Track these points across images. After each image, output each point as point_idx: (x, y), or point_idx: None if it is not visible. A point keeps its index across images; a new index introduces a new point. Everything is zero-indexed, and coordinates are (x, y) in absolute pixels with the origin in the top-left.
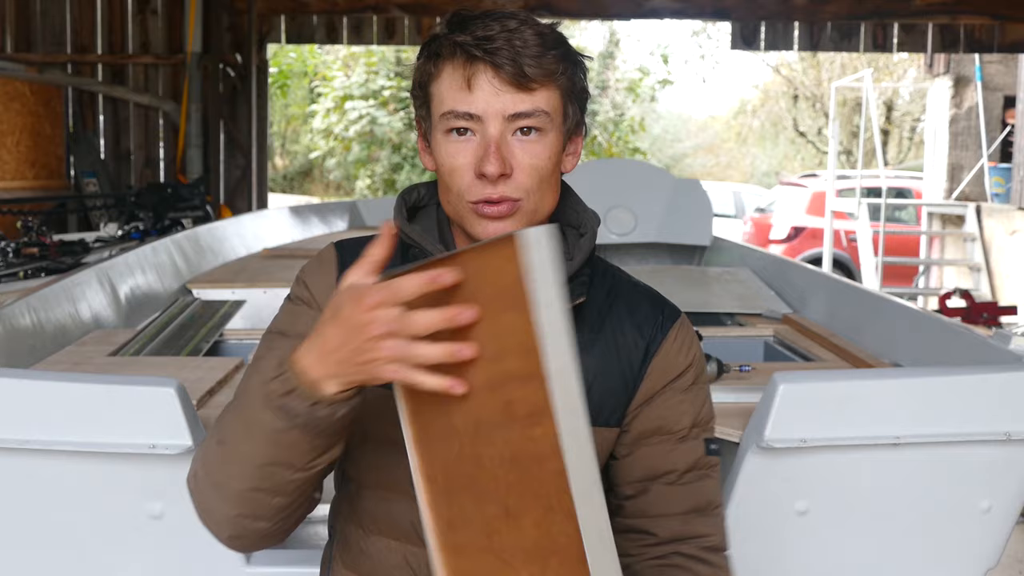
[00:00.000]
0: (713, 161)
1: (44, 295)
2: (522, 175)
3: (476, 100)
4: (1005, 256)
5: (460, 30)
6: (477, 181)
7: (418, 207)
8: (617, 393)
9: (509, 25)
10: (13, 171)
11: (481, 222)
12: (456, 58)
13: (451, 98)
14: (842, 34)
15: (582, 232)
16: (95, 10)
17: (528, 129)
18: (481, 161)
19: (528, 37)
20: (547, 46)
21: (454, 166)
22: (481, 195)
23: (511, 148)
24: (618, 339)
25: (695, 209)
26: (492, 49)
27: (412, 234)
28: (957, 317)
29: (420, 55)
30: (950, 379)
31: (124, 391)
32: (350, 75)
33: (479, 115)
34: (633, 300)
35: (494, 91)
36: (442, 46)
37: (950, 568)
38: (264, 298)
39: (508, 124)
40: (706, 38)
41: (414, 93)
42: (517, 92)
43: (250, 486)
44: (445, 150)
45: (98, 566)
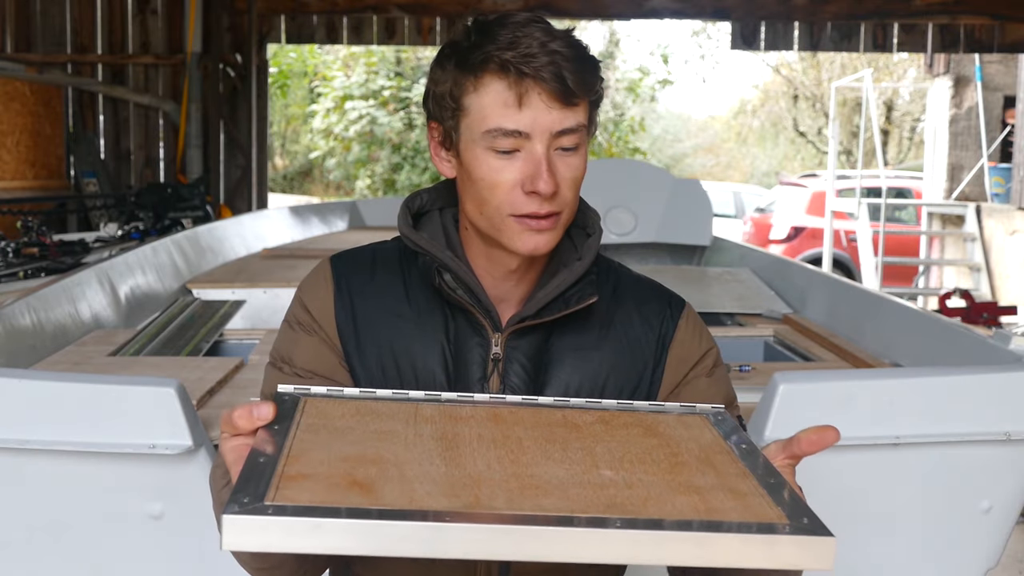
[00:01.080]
0: (713, 161)
1: (44, 295)
2: (566, 189)
3: (524, 117)
4: (1005, 256)
5: (492, 43)
6: (524, 197)
7: (421, 213)
8: (632, 388)
9: (539, 37)
10: (13, 171)
11: (523, 235)
12: (506, 75)
13: (498, 115)
14: (842, 34)
15: (589, 232)
16: (95, 10)
17: (569, 144)
18: (533, 179)
19: (563, 50)
20: (582, 59)
21: (497, 181)
22: (527, 210)
23: (555, 164)
24: (628, 334)
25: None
26: (538, 66)
27: (420, 242)
28: (957, 317)
29: (445, 63)
30: (950, 379)
31: (124, 391)
32: (350, 75)
33: (527, 132)
34: (639, 295)
35: (544, 108)
36: (483, 61)
37: (950, 568)
38: (264, 298)
39: (552, 140)
40: (706, 38)
41: (442, 102)
42: (563, 108)
43: (256, 566)
44: (487, 165)
45: (98, 566)
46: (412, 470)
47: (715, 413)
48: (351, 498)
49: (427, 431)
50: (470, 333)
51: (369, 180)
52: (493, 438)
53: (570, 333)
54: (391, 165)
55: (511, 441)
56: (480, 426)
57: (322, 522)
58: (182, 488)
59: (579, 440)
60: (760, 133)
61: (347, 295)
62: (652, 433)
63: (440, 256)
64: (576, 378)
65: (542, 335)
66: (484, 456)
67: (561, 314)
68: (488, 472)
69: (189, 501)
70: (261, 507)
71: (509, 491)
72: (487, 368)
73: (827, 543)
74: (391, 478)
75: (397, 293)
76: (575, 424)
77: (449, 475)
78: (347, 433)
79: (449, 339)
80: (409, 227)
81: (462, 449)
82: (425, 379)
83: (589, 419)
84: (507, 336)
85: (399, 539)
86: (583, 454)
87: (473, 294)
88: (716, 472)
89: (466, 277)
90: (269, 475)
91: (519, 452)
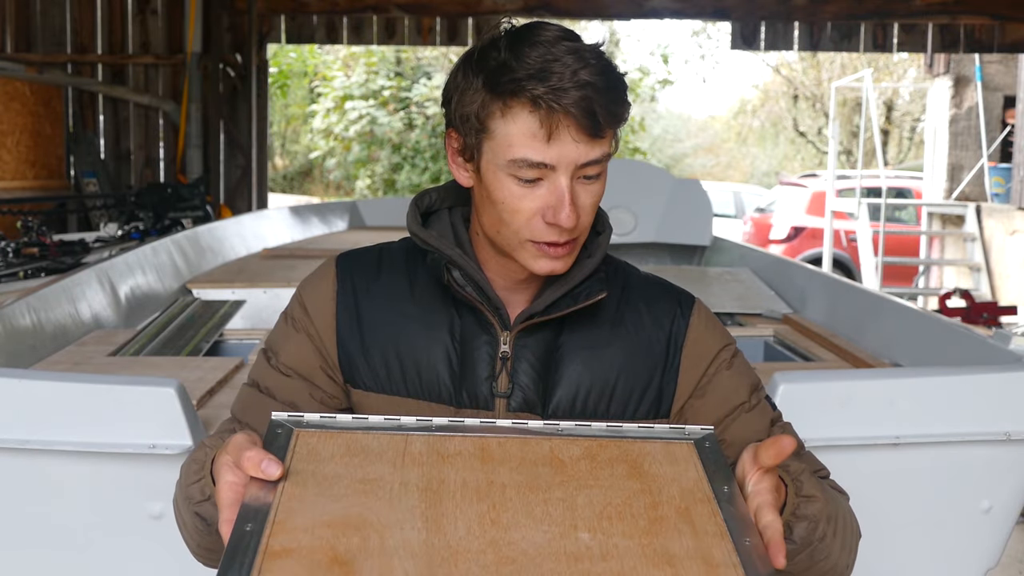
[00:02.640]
0: (713, 161)
1: (44, 295)
2: (585, 217)
3: (552, 151)
4: (1005, 256)
5: (522, 68)
6: (545, 225)
7: (430, 212)
8: (642, 388)
9: (571, 63)
10: (13, 171)
11: (539, 259)
12: (537, 110)
13: (524, 146)
14: (842, 34)
15: (599, 231)
16: (95, 10)
17: (592, 175)
18: (555, 212)
19: (595, 79)
20: (612, 87)
21: (519, 208)
22: (547, 239)
23: (577, 194)
24: (639, 333)
25: (695, 209)
26: (569, 102)
27: (429, 239)
28: (957, 317)
29: (472, 79)
30: (950, 379)
31: (124, 391)
32: (350, 75)
33: (553, 165)
34: (648, 293)
35: (572, 143)
36: (516, 93)
37: (950, 568)
38: (264, 298)
39: (577, 171)
40: (706, 38)
41: (466, 120)
42: (590, 142)
43: (198, 551)
44: (509, 191)
45: (98, 566)
46: (393, 538)
47: (704, 439)
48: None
49: (413, 478)
50: (477, 331)
51: (369, 180)
52: (477, 487)
53: (580, 331)
54: (391, 165)
55: (494, 491)
56: (466, 468)
57: None
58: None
59: (562, 487)
60: (760, 133)
61: (351, 294)
62: (636, 474)
63: (449, 253)
64: (587, 377)
65: (551, 333)
66: (465, 516)
67: (570, 310)
68: (467, 539)
69: None
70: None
71: (483, 568)
72: (495, 367)
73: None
74: (372, 552)
75: (403, 292)
76: (561, 462)
77: (428, 546)
78: (334, 484)
79: (455, 338)
80: (418, 225)
81: (445, 505)
82: (429, 379)
83: (576, 453)
84: (516, 334)
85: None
86: (564, 508)
87: (482, 291)
88: (693, 532)
89: (475, 274)
90: (253, 552)
91: (500, 509)
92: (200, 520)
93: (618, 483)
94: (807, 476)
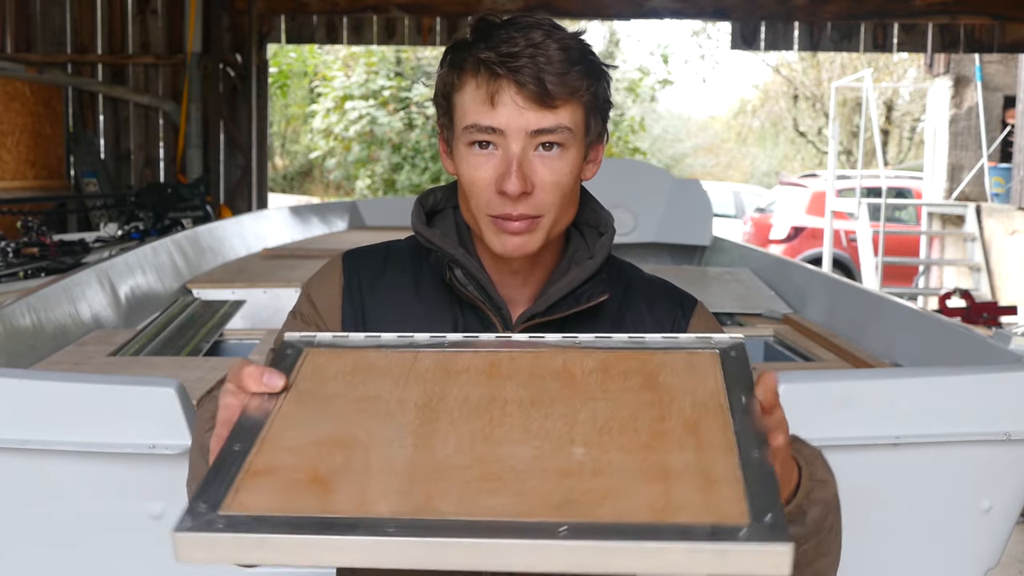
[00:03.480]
0: (713, 161)
1: (44, 295)
2: (543, 192)
3: (499, 116)
4: (1005, 256)
5: (484, 42)
6: (497, 196)
7: (435, 211)
8: None
9: (534, 38)
10: (13, 171)
11: (500, 236)
12: (480, 73)
13: (474, 112)
14: (842, 34)
15: (601, 231)
16: (95, 10)
17: (550, 144)
18: (502, 178)
19: (553, 53)
20: (572, 61)
21: (475, 179)
22: (500, 211)
23: (532, 165)
24: (640, 329)
25: (695, 209)
26: (516, 67)
27: (433, 238)
28: (957, 317)
29: (443, 63)
30: (950, 379)
31: (124, 391)
32: (350, 75)
33: (502, 130)
34: (650, 295)
35: (517, 108)
36: (466, 59)
37: (950, 568)
38: (264, 298)
39: (530, 140)
40: (706, 38)
41: (437, 101)
42: (540, 109)
43: None
44: (467, 162)
45: (98, 566)
46: (378, 457)
47: (731, 348)
48: (305, 500)
49: (413, 395)
50: (479, 329)
51: (369, 180)
52: (477, 403)
53: (581, 331)
54: (391, 165)
55: (495, 407)
56: (471, 383)
57: (266, 538)
58: (182, 488)
59: (567, 402)
60: (760, 133)
61: (357, 291)
62: (650, 386)
63: (452, 252)
64: None
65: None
66: (458, 433)
67: (572, 311)
68: (454, 456)
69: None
70: (213, 520)
71: (465, 484)
72: None
73: (782, 551)
74: (353, 470)
75: (408, 290)
76: (571, 375)
77: (412, 463)
78: (331, 403)
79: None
80: (422, 223)
81: (440, 422)
82: None
83: (589, 366)
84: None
85: (338, 551)
86: (563, 423)
87: (484, 290)
88: (698, 446)
89: (477, 273)
90: (235, 472)
91: (496, 425)
92: None
93: (628, 396)
94: (820, 461)
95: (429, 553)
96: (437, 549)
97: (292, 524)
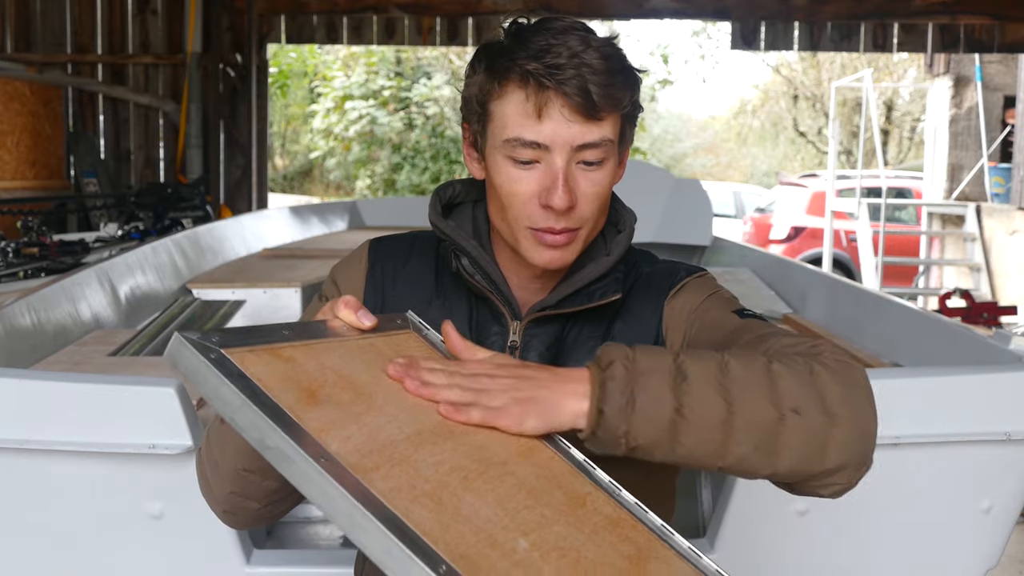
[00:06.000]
0: (713, 161)
1: (44, 295)
2: (585, 205)
3: (544, 130)
4: (1005, 256)
5: (523, 50)
6: (540, 210)
7: (454, 204)
8: None
9: (573, 47)
10: (13, 171)
11: (538, 249)
12: (527, 85)
13: (518, 125)
14: (842, 34)
15: (620, 229)
16: (95, 10)
17: (593, 159)
18: (548, 193)
19: (595, 62)
20: (613, 71)
21: (515, 192)
22: (543, 224)
23: (576, 179)
24: (643, 322)
25: (695, 209)
26: (563, 79)
27: (446, 229)
28: (957, 317)
29: (477, 66)
30: (950, 379)
31: (124, 391)
32: (350, 75)
33: (547, 144)
34: (653, 280)
35: (564, 122)
36: (510, 69)
37: (950, 568)
38: (264, 298)
39: (574, 154)
40: (706, 38)
41: (470, 107)
42: (586, 123)
43: (242, 466)
44: (506, 174)
45: (98, 566)
46: (371, 420)
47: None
48: (289, 396)
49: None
50: (490, 321)
51: (369, 180)
52: (491, 459)
53: (589, 324)
54: (391, 165)
55: (496, 468)
56: (502, 445)
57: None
58: (182, 488)
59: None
60: (760, 133)
61: (379, 278)
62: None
63: (462, 243)
64: None
65: (560, 326)
66: (445, 456)
67: (582, 307)
68: (426, 463)
69: (189, 501)
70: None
71: (412, 482)
72: None
73: None
74: (345, 410)
75: (428, 280)
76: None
77: (392, 443)
78: (379, 365)
79: (472, 328)
80: (437, 214)
81: (447, 439)
82: None
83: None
84: (525, 325)
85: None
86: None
87: (492, 281)
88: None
89: (486, 265)
90: (264, 341)
91: (486, 477)
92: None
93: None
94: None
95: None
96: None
97: (260, 399)
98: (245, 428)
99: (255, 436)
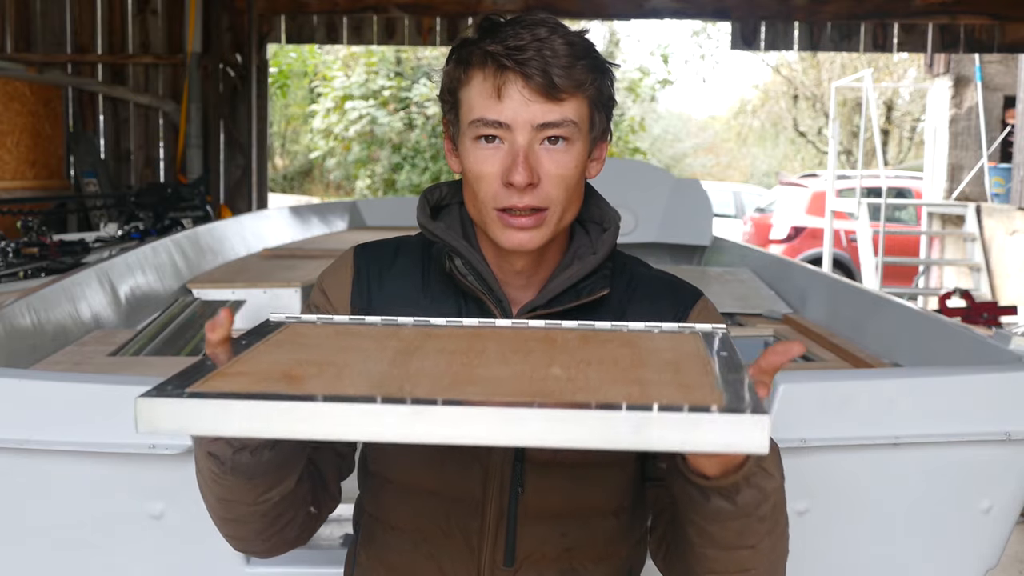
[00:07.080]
0: (713, 161)
1: (44, 295)
2: (549, 184)
3: (505, 109)
4: (1005, 256)
5: (491, 38)
6: (504, 189)
7: (441, 206)
8: None
9: (539, 34)
10: (13, 171)
11: (506, 231)
12: (487, 67)
13: (480, 106)
14: (842, 34)
15: (605, 227)
16: (95, 10)
17: (556, 138)
18: (509, 170)
19: (558, 47)
20: (577, 56)
21: (481, 173)
22: (507, 203)
23: (538, 157)
24: (635, 319)
25: (695, 209)
26: (522, 60)
27: (436, 231)
28: (957, 317)
29: (449, 59)
30: (950, 379)
31: (124, 391)
32: (350, 75)
33: (508, 124)
34: (653, 289)
35: (523, 101)
36: (472, 54)
37: (950, 568)
38: (264, 298)
39: (536, 133)
40: (706, 38)
41: (443, 97)
42: (546, 102)
43: (220, 516)
44: (473, 156)
45: (98, 566)
46: (353, 371)
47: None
48: (276, 386)
49: (393, 344)
50: None
51: (369, 180)
52: (456, 348)
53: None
54: (391, 165)
55: (473, 350)
56: (451, 341)
57: (231, 404)
58: (182, 488)
59: (547, 350)
60: (760, 133)
61: (366, 283)
62: (629, 344)
63: (454, 244)
64: None
65: None
66: (435, 359)
67: (572, 304)
68: (430, 368)
69: (189, 501)
70: (178, 392)
71: (437, 380)
72: None
73: (758, 422)
74: (326, 375)
75: (415, 283)
76: (552, 339)
77: (387, 373)
78: (310, 345)
79: None
80: (426, 216)
81: (417, 354)
82: None
83: (571, 335)
84: None
85: (303, 420)
86: (542, 357)
87: (484, 281)
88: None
89: (478, 265)
90: (205, 372)
91: (475, 356)
92: (214, 461)
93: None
94: (774, 454)
95: (398, 423)
96: (406, 417)
97: (259, 396)
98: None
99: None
